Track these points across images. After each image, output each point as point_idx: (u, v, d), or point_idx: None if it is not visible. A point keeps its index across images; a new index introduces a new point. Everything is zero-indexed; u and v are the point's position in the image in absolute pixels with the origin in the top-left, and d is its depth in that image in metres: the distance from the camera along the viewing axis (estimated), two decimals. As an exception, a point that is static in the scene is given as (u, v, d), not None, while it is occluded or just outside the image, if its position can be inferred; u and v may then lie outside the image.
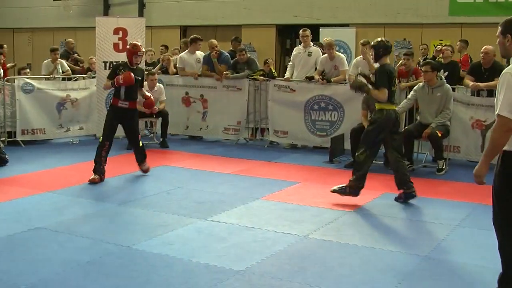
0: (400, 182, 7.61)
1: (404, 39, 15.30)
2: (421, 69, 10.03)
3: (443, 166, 9.47)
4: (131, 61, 8.85)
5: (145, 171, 9.11)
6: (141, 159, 9.11)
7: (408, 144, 9.41)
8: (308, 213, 7.10)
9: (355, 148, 9.70)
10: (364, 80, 7.84)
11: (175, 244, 5.85)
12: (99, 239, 5.95)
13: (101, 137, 8.81)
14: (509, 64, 5.02)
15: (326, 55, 11.15)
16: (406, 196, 7.60)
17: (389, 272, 5.22)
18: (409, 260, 5.54)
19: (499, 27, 4.41)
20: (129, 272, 5.14)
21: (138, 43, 9.12)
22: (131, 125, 9.00)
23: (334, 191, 7.60)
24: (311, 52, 11.51)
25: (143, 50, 9.42)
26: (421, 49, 13.53)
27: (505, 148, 4.21)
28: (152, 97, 9.35)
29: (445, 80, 9.73)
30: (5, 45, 14.43)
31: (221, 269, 5.22)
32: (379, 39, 7.77)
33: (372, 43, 7.89)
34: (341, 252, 5.76)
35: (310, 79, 11.22)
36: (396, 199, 7.66)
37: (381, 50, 7.61)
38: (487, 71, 9.79)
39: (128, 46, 9.18)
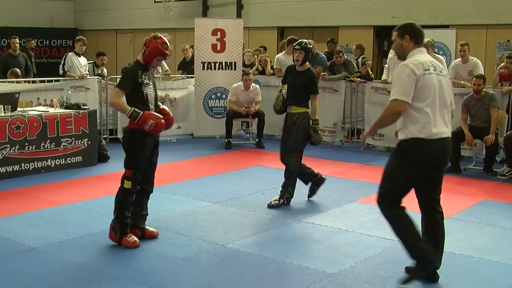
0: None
1: (508, 41, 14.74)
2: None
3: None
4: (151, 63, 5.75)
5: (154, 235, 6.05)
6: (145, 216, 6.10)
7: (509, 148, 9.06)
8: (403, 217, 6.95)
9: (456, 152, 9.48)
10: (280, 100, 7.58)
11: (268, 244, 5.89)
12: (194, 237, 6.07)
13: (127, 181, 5.85)
14: None
15: (425, 56, 10.88)
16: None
17: (487, 283, 5.05)
18: (510, 271, 5.34)
19: (394, 32, 4.99)
20: (223, 270, 5.21)
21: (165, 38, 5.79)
22: (156, 153, 6.21)
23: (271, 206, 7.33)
24: (404, 55, 11.26)
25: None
26: None
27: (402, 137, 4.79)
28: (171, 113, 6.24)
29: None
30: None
31: (314, 271, 5.21)
32: (306, 41, 7.43)
33: (301, 44, 7.36)
34: (437, 259, 5.62)
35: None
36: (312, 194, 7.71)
37: (310, 54, 7.46)
38: None
39: (152, 39, 5.71)
